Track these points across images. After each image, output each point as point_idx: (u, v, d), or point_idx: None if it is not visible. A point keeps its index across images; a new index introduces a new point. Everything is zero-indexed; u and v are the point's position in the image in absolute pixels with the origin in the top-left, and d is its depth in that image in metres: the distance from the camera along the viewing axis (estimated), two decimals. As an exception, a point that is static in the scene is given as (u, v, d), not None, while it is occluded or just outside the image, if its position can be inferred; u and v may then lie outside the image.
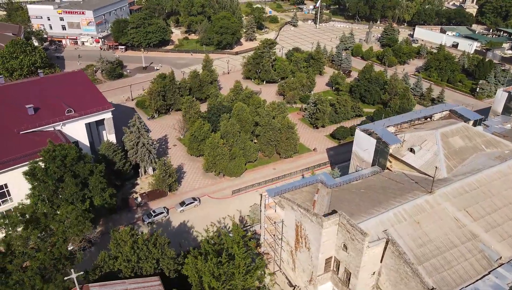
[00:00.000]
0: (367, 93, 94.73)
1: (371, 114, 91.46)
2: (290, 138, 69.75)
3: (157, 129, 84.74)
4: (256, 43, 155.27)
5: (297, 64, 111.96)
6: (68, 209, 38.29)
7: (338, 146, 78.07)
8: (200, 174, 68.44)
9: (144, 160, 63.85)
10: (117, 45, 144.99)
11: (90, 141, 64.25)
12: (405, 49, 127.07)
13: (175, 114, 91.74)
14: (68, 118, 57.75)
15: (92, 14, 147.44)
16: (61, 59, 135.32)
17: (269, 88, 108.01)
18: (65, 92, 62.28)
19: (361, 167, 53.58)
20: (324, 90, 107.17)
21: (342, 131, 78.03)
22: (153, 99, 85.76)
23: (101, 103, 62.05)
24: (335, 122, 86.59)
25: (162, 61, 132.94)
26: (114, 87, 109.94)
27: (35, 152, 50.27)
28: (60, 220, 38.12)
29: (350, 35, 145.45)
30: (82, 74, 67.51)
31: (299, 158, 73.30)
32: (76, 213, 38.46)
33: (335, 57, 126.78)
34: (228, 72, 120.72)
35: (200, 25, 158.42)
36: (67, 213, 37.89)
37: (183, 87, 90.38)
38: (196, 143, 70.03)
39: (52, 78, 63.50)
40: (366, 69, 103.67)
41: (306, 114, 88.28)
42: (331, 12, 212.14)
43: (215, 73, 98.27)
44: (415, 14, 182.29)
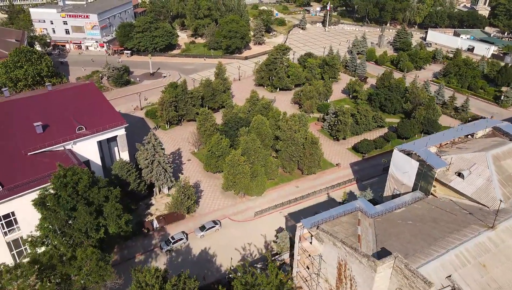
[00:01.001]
0: (388, 102, 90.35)
1: (393, 124, 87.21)
2: (313, 154, 65.41)
3: (169, 142, 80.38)
4: (265, 47, 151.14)
5: (312, 71, 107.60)
6: (88, 253, 33.97)
7: (362, 160, 73.71)
8: (218, 193, 64.08)
9: (159, 179, 59.51)
10: (122, 50, 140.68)
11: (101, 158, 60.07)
12: (421, 54, 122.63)
13: (187, 125, 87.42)
14: (79, 136, 53.42)
15: (96, 18, 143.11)
16: (65, 64, 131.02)
17: (283, 96, 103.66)
18: (75, 106, 57.95)
19: (398, 190, 49.27)
20: (341, 98, 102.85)
21: (366, 145, 73.68)
22: (164, 109, 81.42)
23: (113, 119, 57.73)
24: (356, 133, 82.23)
25: (169, 67, 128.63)
26: (121, 95, 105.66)
27: (44, 177, 46.04)
28: (78, 266, 33.79)
29: (363, 39, 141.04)
30: (92, 86, 63.16)
31: (323, 175, 68.95)
32: (96, 257, 34.14)
33: (349, 62, 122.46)
34: (239, 78, 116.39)
35: (207, 28, 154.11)
36: (86, 256, 33.59)
37: (195, 96, 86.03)
38: (214, 159, 65.70)
39: (61, 92, 59.19)
40: (385, 76, 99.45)
41: (325, 125, 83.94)
42: (338, 14, 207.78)
43: (228, 81, 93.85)
44: (427, 16, 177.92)
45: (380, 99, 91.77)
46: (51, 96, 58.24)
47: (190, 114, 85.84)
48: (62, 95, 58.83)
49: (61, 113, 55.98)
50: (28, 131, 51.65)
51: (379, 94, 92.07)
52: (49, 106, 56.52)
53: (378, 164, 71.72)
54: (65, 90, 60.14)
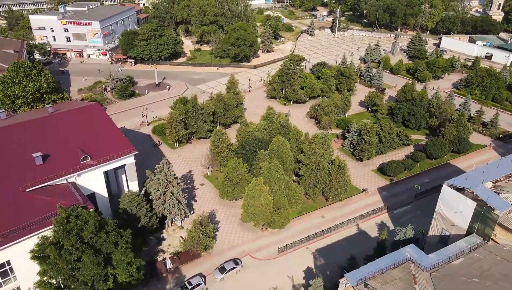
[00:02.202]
0: (412, 117, 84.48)
1: (419, 142, 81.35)
2: (341, 181, 59.48)
3: (179, 163, 74.45)
4: (274, 55, 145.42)
5: (327, 83, 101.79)
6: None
7: (391, 184, 67.72)
8: (237, 225, 58.08)
9: (172, 212, 53.57)
10: (125, 58, 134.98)
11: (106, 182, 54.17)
12: (440, 62, 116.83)
13: (198, 143, 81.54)
14: (84, 167, 47.53)
15: (98, 25, 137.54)
16: (66, 74, 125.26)
17: (298, 110, 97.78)
18: (79, 132, 52.07)
19: (448, 231, 43.33)
20: (359, 112, 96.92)
21: (394, 167, 67.72)
22: (174, 128, 75.54)
23: (121, 145, 51.85)
24: (379, 152, 76.35)
25: (175, 76, 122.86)
26: (125, 108, 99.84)
27: (44, 219, 40.07)
28: None
29: (376, 47, 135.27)
30: (97, 108, 57.22)
31: (349, 202, 62.96)
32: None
33: (364, 72, 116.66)
34: (249, 89, 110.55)
35: (213, 35, 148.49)
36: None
37: (206, 112, 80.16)
38: (231, 187, 59.78)
39: (63, 115, 53.32)
40: (407, 88, 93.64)
41: (346, 144, 78.04)
42: (346, 19, 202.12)
43: (240, 95, 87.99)
44: (439, 21, 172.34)
45: (403, 114, 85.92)
46: (52, 120, 52.30)
47: (201, 132, 79.98)
48: (64, 118, 52.89)
49: (64, 140, 50.08)
50: (26, 163, 45.79)
51: (402, 108, 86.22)
52: (50, 132, 50.60)
53: (409, 189, 65.82)
54: (67, 113, 54.17)
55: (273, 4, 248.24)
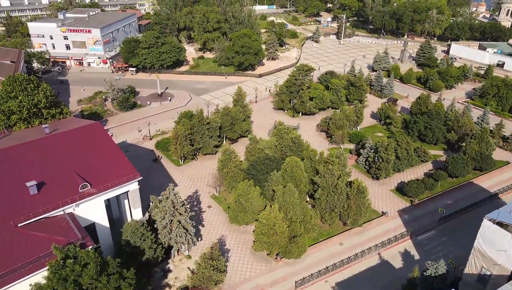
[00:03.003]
0: (428, 131, 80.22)
1: (438, 158, 77.08)
2: (360, 205, 55.12)
3: (184, 182, 70.08)
4: (279, 62, 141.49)
5: (337, 93, 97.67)
6: None
7: (411, 206, 63.32)
8: (249, 254, 53.62)
9: (179, 242, 49.18)
10: (127, 67, 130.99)
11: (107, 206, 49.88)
12: (453, 72, 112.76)
13: (204, 159, 77.21)
14: (83, 196, 43.19)
15: (99, 32, 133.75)
16: (65, 83, 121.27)
17: (307, 122, 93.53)
18: (78, 155, 47.79)
19: (489, 270, 38.92)
20: (371, 124, 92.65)
21: (415, 187, 63.32)
22: (179, 144, 71.28)
23: (124, 170, 47.51)
24: (397, 170, 72.00)
25: (178, 86, 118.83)
26: (127, 120, 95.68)
27: (37, 259, 35.71)
28: None
29: (385, 54, 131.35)
30: (98, 128, 52.89)
31: (368, 227, 58.53)
32: None
33: (374, 81, 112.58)
34: (255, 100, 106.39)
35: (216, 42, 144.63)
36: None
37: (212, 127, 75.96)
38: (242, 212, 55.42)
39: (61, 136, 49.02)
40: (422, 100, 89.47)
41: (361, 160, 73.72)
42: (351, 25, 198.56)
43: (248, 108, 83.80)
44: (447, 28, 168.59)
45: (419, 128, 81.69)
46: (48, 142, 48.04)
47: (207, 148, 75.74)
48: (61, 140, 48.58)
49: (61, 165, 45.77)
50: (18, 193, 41.49)
51: (418, 122, 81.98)
52: (46, 156, 46.29)
53: (432, 212, 61.45)
54: (65, 134, 49.87)
55: (275, 9, 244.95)
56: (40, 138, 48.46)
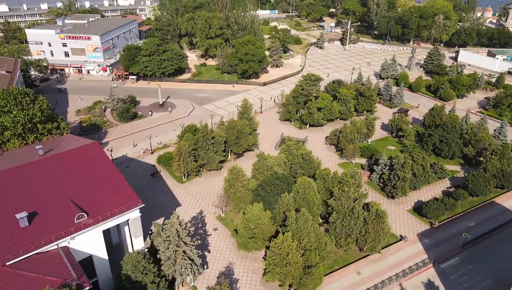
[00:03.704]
0: (444, 146, 76.35)
1: (455, 174, 73.16)
2: (379, 231, 51.15)
3: (188, 201, 66.07)
4: (283, 70, 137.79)
5: (346, 104, 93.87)
6: None
7: (431, 229, 59.29)
8: (259, 284, 49.55)
9: (184, 273, 45.16)
10: (127, 75, 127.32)
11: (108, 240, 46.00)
12: (465, 80, 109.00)
13: (208, 175, 73.23)
14: (79, 228, 39.21)
15: (98, 39, 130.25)
16: (64, 92, 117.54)
17: (315, 134, 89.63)
18: (74, 181, 43.86)
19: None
20: (382, 137, 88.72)
21: (435, 209, 59.36)
22: (182, 161, 67.38)
23: (125, 197, 43.57)
24: (413, 187, 68.04)
25: (180, 94, 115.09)
26: (127, 132, 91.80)
27: (28, 306, 31.67)
28: None
29: (392, 62, 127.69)
30: (96, 149, 48.91)
31: (387, 253, 54.47)
32: None
33: (382, 90, 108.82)
34: (261, 111, 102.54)
35: (219, 49, 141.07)
36: None
37: (217, 141, 72.07)
38: (252, 239, 51.43)
39: (56, 159, 45.14)
40: (436, 112, 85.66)
41: (374, 177, 69.77)
42: (355, 30, 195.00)
43: (255, 121, 79.99)
44: (454, 34, 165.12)
45: (433, 141, 77.83)
46: (42, 166, 44.11)
47: (212, 164, 71.84)
48: (56, 163, 44.66)
49: (55, 192, 41.83)
50: (7, 226, 37.56)
51: (433, 135, 78.14)
52: (39, 182, 42.34)
53: (454, 235, 57.46)
54: (60, 156, 45.95)
55: (278, 14, 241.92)
56: (32, 162, 44.48)
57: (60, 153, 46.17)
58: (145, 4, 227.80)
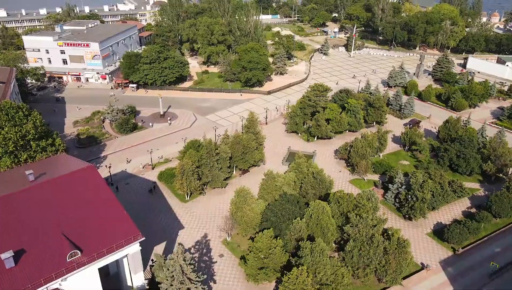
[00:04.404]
0: (461, 161, 72.22)
1: (475, 192, 68.95)
2: (401, 261, 46.92)
3: (192, 223, 61.74)
4: (288, 78, 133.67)
5: (355, 115, 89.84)
6: None
7: (455, 255, 55.02)
8: (270, 321, 45.40)
9: (188, 313, 40.93)
10: (127, 83, 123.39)
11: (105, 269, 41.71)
12: (477, 89, 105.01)
13: (212, 193, 69.00)
14: (72, 268, 35.02)
15: (98, 47, 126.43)
16: (61, 101, 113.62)
17: (323, 147, 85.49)
18: (67, 211, 39.72)
19: None
20: (394, 150, 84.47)
21: (458, 233, 55.11)
22: (185, 179, 63.22)
23: (123, 230, 39.40)
24: (431, 207, 63.76)
25: (181, 104, 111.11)
26: (127, 145, 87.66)
27: None
28: None
29: (401, 69, 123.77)
30: (92, 173, 44.65)
31: (408, 284, 50.14)
32: None
33: (392, 100, 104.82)
34: (266, 121, 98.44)
35: (221, 56, 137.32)
36: None
37: (222, 158, 67.92)
38: (262, 270, 47.16)
39: (47, 186, 40.97)
40: (451, 124, 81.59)
41: (389, 197, 65.53)
42: (360, 36, 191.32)
43: (261, 135, 75.89)
44: (462, 40, 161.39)
45: (450, 156, 73.71)
46: (31, 195, 39.84)
47: (216, 182, 67.67)
48: (47, 191, 40.49)
49: (46, 225, 37.67)
50: (-9, 268, 33.46)
51: (449, 150, 74.02)
52: (28, 214, 38.16)
53: (480, 263, 53.15)
54: (52, 183, 41.75)
55: (280, 19, 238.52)
56: (20, 191, 40.24)
57: (52, 179, 41.95)
58: (145, 9, 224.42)
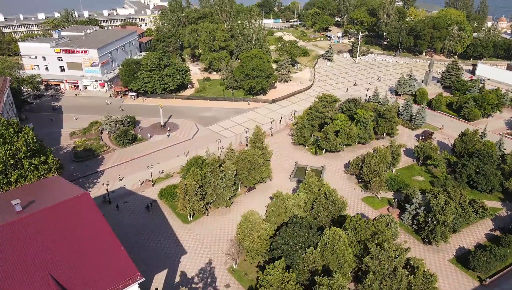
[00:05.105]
0: (481, 178, 67.97)
1: (497, 212, 64.61)
2: (426, 296, 42.64)
3: (195, 247, 57.35)
4: (292, 85, 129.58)
5: (366, 127, 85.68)
6: None
7: (482, 286, 50.66)
8: None
9: None
10: (126, 91, 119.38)
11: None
12: (491, 98, 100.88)
13: (216, 213, 64.67)
14: (61, 318, 30.78)
15: (96, 53, 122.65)
16: (58, 110, 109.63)
17: (332, 161, 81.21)
18: (57, 248, 35.39)
19: None
20: (407, 165, 79.99)
21: (485, 261, 50.79)
22: (188, 200, 58.97)
23: (120, 269, 35.08)
24: (452, 230, 59.34)
25: (183, 113, 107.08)
26: (126, 159, 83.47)
27: None
28: None
29: (409, 76, 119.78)
30: (86, 202, 40.07)
31: (433, 320, 45.81)
32: None
33: (402, 109, 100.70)
34: (271, 132, 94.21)
35: (223, 62, 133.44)
36: None
37: (227, 176, 63.66)
38: (273, 307, 42.88)
39: (35, 218, 36.61)
40: (468, 138, 77.39)
41: (406, 218, 61.16)
42: (363, 41, 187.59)
43: (268, 150, 71.67)
44: (469, 45, 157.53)
45: (468, 172, 69.47)
46: (17, 229, 35.57)
47: (221, 201, 63.40)
48: (35, 225, 36.22)
49: (32, 265, 33.35)
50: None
51: (467, 165, 69.78)
52: (12, 252, 33.80)
53: (508, 296, 49.03)
54: (41, 214, 37.45)
55: (282, 24, 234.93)
56: (5, 224, 35.94)
57: (41, 211, 37.62)
58: (145, 14, 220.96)
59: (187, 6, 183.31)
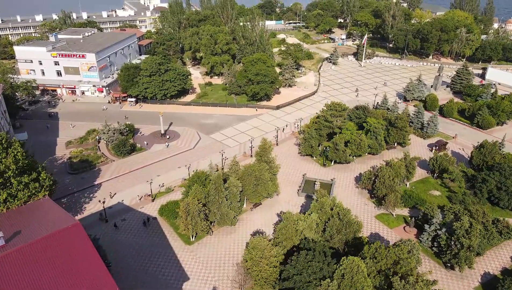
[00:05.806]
0: (503, 194, 63.70)
1: (520, 232, 60.36)
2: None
3: (197, 272, 53.06)
4: (297, 90, 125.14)
5: (376, 137, 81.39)
6: None
7: (512, 319, 46.49)
8: None
9: None
10: (125, 97, 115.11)
11: None
12: (506, 106, 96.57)
13: (220, 232, 60.31)
14: None
15: (94, 58, 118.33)
16: (55, 117, 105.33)
17: (342, 174, 76.85)
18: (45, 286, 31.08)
19: None
20: (421, 178, 75.32)
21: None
22: (191, 220, 54.66)
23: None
24: (475, 253, 55.02)
25: (183, 120, 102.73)
26: (124, 170, 79.11)
27: None
28: None
29: (418, 82, 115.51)
30: (78, 235, 35.62)
31: None
32: None
33: (413, 117, 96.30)
34: (276, 142, 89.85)
35: (225, 66, 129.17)
36: None
37: (232, 193, 59.37)
38: None
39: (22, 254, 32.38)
40: (487, 150, 73.07)
41: (425, 239, 56.80)
42: (368, 43, 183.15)
43: (275, 164, 67.34)
44: (478, 48, 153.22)
45: (489, 188, 65.17)
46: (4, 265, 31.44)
47: (226, 220, 59.11)
48: (20, 262, 32.01)
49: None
50: None
51: (488, 180, 65.47)
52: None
53: (542, 330, 44.72)
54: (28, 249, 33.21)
55: (284, 25, 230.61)
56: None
57: (27, 245, 33.38)
58: (145, 16, 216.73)
59: (187, 8, 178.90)
